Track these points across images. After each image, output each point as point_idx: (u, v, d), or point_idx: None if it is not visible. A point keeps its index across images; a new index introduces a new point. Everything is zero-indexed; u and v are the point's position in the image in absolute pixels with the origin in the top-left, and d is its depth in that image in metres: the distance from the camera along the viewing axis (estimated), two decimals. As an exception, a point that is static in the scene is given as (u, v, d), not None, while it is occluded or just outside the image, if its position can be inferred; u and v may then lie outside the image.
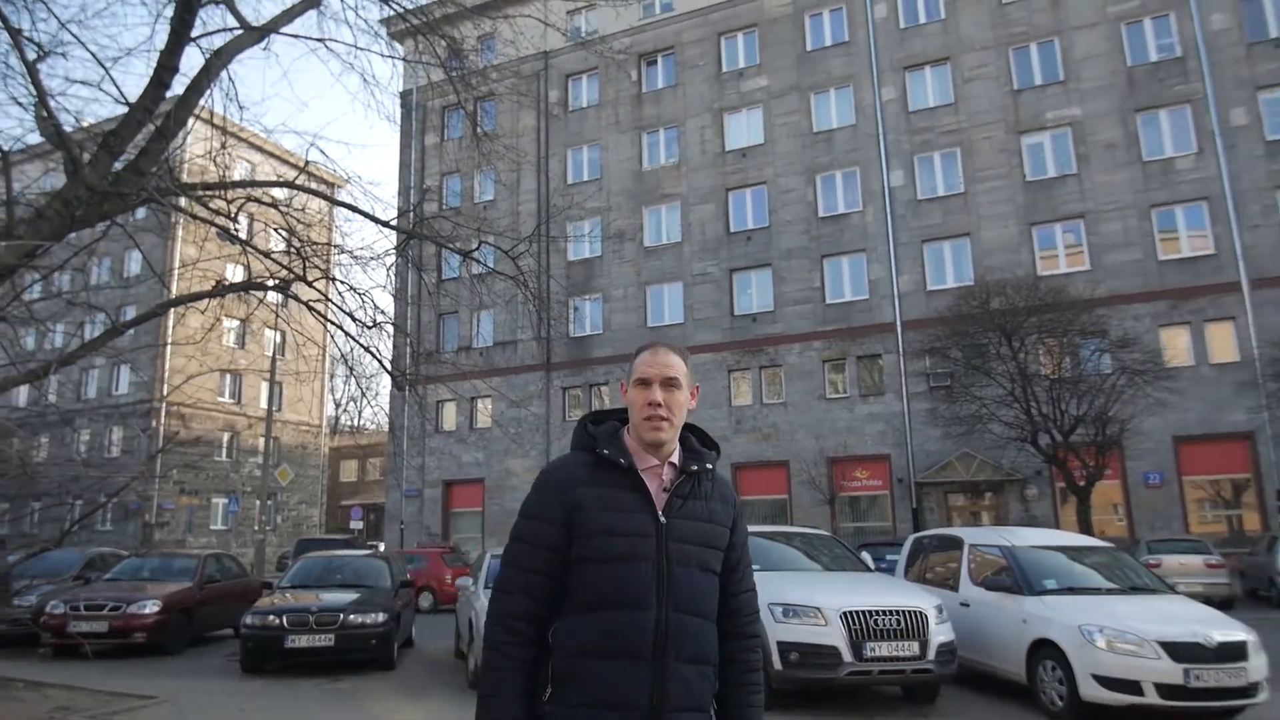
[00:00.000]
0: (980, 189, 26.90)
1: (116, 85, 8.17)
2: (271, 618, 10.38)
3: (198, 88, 8.32)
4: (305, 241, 9.79)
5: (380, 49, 9.27)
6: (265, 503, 28.38)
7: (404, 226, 10.84)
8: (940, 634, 7.82)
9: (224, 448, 41.43)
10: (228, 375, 40.91)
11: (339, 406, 59.54)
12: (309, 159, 9.29)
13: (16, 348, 10.45)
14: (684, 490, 2.08)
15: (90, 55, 7.93)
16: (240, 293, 10.27)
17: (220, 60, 8.27)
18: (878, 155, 28.27)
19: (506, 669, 1.99)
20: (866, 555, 10.78)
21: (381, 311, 10.16)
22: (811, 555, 9.84)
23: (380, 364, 10.53)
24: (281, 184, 9.94)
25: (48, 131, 7.77)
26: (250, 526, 38.83)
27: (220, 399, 40.87)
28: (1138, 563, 9.81)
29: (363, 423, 60.23)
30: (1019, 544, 9.14)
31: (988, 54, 27.59)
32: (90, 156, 7.99)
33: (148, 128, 8.30)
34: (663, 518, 2.03)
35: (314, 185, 10.78)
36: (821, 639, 7.65)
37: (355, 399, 62.62)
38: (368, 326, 9.89)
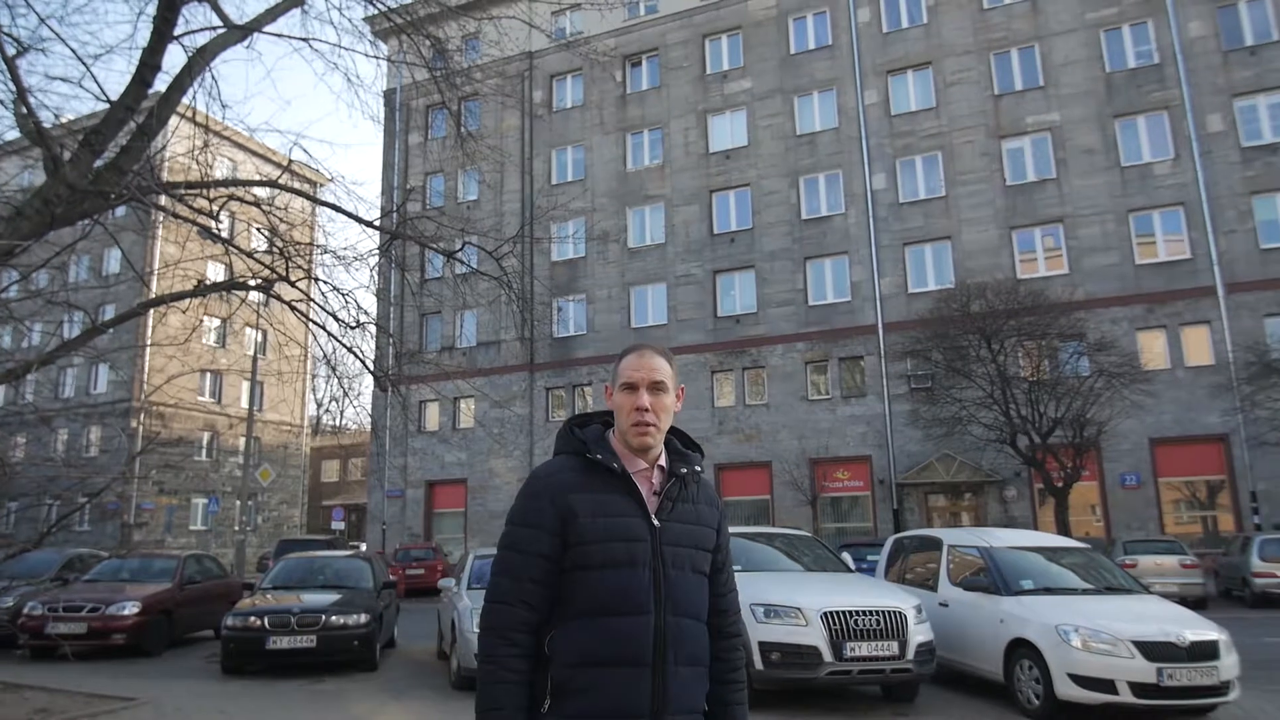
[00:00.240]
0: (961, 192, 27.13)
1: (98, 82, 8.12)
2: (253, 619, 10.34)
3: (180, 86, 8.28)
4: (288, 241, 9.77)
5: (364, 49, 9.25)
6: (245, 503, 28.20)
7: (388, 227, 10.84)
8: (919, 634, 7.90)
9: (204, 447, 41.09)
10: (208, 375, 40.60)
11: (320, 406, 59.30)
12: (292, 158, 9.26)
13: (-6, 347, 10.36)
14: (673, 493, 2.07)
15: (71, 52, 7.86)
16: (222, 292, 10.23)
17: (203, 58, 8.23)
18: (860, 158, 28.45)
19: (507, 682, 1.94)
20: (847, 556, 10.84)
21: (365, 312, 10.13)
22: (793, 556, 9.91)
23: (363, 364, 10.50)
24: (265, 183, 9.89)
25: (27, 128, 7.71)
26: (230, 527, 38.56)
27: (200, 398, 40.53)
28: (1113, 563, 9.94)
29: (344, 423, 60.06)
30: (997, 545, 9.25)
31: (969, 59, 27.83)
32: (71, 154, 7.94)
33: (129, 125, 8.26)
34: (656, 522, 2.02)
35: (297, 184, 10.75)
36: (802, 639, 7.71)
37: (337, 399, 62.39)
38: (351, 327, 9.87)
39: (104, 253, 36.03)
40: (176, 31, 8.14)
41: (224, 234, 9.73)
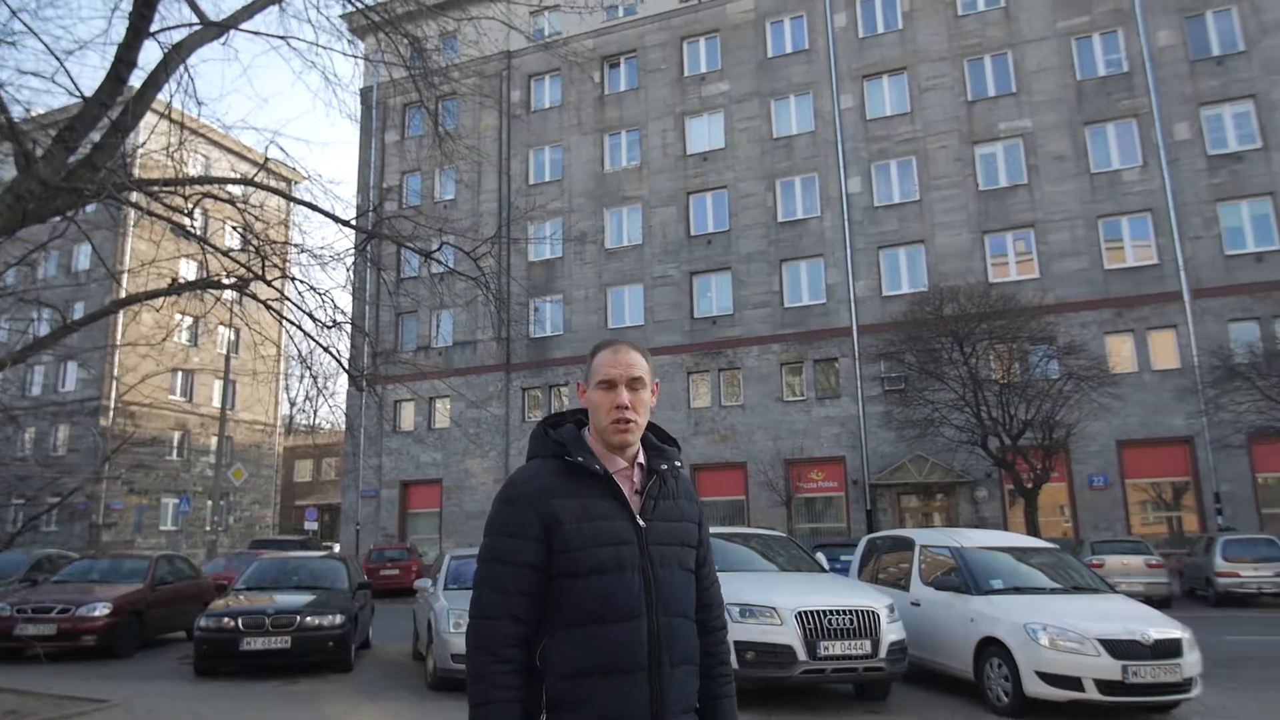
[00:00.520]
0: (935, 197, 27.44)
1: (71, 78, 8.06)
2: (226, 620, 10.26)
3: (155, 82, 8.22)
4: (265, 240, 9.71)
5: (342, 47, 9.21)
6: (217, 503, 27.93)
7: (365, 226, 10.81)
8: (892, 633, 8.01)
9: (174, 447, 40.58)
10: (179, 373, 40.10)
11: (294, 405, 58.72)
12: (269, 156, 9.21)
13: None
14: (654, 491, 2.03)
15: (44, 46, 7.78)
16: (197, 291, 10.16)
17: (179, 55, 8.17)
18: (836, 162, 28.69)
19: (501, 700, 1.87)
20: (821, 556, 10.96)
21: (341, 311, 10.10)
22: (768, 556, 10.00)
23: (340, 364, 10.46)
24: (240, 181, 9.83)
25: (-1, 124, 7.62)
26: (201, 527, 38.09)
27: (171, 397, 40.01)
28: (1080, 563, 10.13)
29: (318, 422, 59.56)
30: (967, 545, 9.40)
31: (943, 65, 28.16)
32: (44, 150, 7.86)
33: (104, 122, 8.19)
34: (641, 522, 1.97)
35: (273, 182, 10.70)
36: (777, 638, 7.79)
37: (311, 398, 61.78)
38: (327, 326, 9.83)
39: (73, 249, 35.54)
40: (153, 28, 8.08)
41: (198, 232, 9.67)
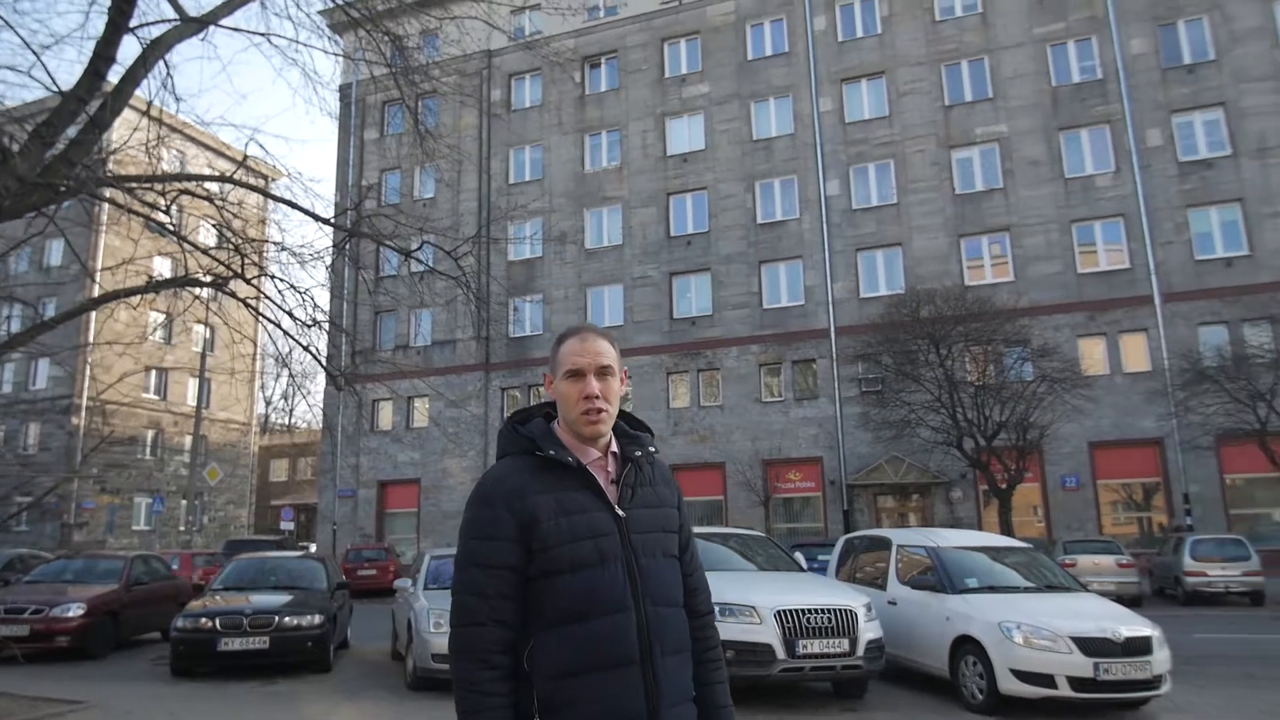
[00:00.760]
0: (912, 200, 27.70)
1: (48, 72, 7.97)
2: (204, 620, 10.19)
3: (133, 78, 8.16)
4: (244, 238, 9.65)
5: (323, 45, 9.18)
6: (192, 503, 27.65)
7: (345, 224, 10.76)
8: (869, 631, 8.10)
9: (147, 445, 40.08)
10: (153, 371, 39.61)
11: (269, 405, 58.22)
12: (248, 153, 9.16)
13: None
14: (631, 479, 1.98)
15: (21, 40, 7.70)
16: (176, 289, 10.07)
17: (157, 50, 8.12)
18: (815, 164, 28.88)
19: (491, 708, 1.82)
20: (800, 555, 11.07)
21: (320, 309, 10.06)
22: (747, 556, 10.08)
23: (320, 363, 10.43)
24: (219, 178, 9.76)
25: (-27, 119, 7.54)
26: (175, 527, 37.66)
27: (145, 395, 39.53)
28: (1053, 562, 10.31)
29: (295, 421, 59.08)
30: (943, 545, 9.52)
31: (921, 69, 28.43)
32: (20, 146, 7.78)
33: (81, 117, 8.11)
34: (620, 512, 1.92)
35: (252, 180, 10.62)
36: (756, 637, 7.86)
37: (288, 396, 61.29)
38: (307, 325, 9.79)
39: (47, 245, 35.03)
40: (132, 23, 8.03)
41: (176, 229, 9.59)
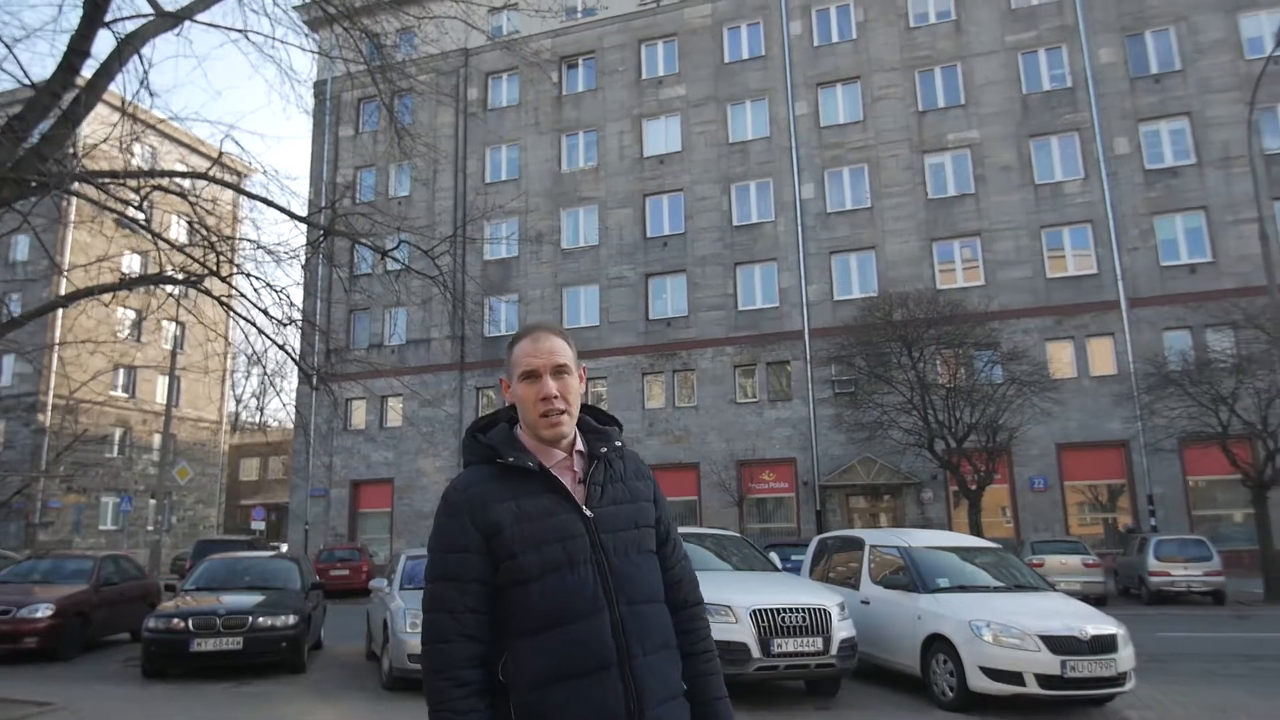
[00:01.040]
0: (886, 204, 28.00)
1: (21, 65, 7.89)
2: (176, 621, 10.08)
3: (108, 72, 8.10)
4: (219, 235, 9.58)
5: (299, 41, 9.13)
6: (161, 502, 27.30)
7: (320, 222, 10.71)
8: (843, 630, 8.22)
9: (115, 444, 39.45)
10: (121, 369, 39.01)
11: (239, 403, 57.54)
12: (224, 149, 9.10)
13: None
14: (599, 477, 1.92)
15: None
16: (149, 287, 9.99)
17: (132, 44, 8.06)
18: (790, 168, 29.10)
19: None
20: (774, 555, 11.18)
21: (295, 307, 10.02)
22: (722, 555, 10.17)
23: (295, 362, 10.38)
24: (194, 174, 9.68)
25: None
26: (143, 527, 37.15)
27: (113, 392, 38.90)
28: (1022, 562, 10.51)
29: (266, 420, 58.42)
30: (915, 545, 9.67)
31: (895, 75, 28.74)
32: (-8, 140, 7.69)
33: (54, 111, 8.03)
34: (588, 512, 1.87)
35: (227, 177, 10.55)
36: (732, 636, 7.92)
37: (259, 395, 60.62)
38: (282, 324, 9.73)
39: (12, 240, 34.39)
40: (107, 17, 7.97)
41: (149, 226, 9.50)
